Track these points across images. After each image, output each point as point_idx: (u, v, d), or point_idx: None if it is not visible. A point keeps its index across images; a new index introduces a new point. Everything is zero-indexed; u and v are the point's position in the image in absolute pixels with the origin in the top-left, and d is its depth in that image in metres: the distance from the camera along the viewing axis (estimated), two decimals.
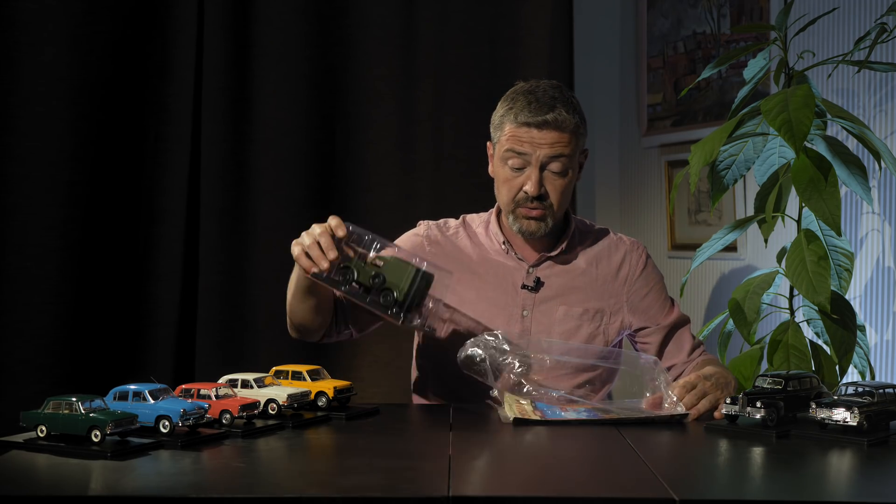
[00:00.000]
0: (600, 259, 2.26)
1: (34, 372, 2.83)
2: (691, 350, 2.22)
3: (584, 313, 2.21)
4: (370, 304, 1.91)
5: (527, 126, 2.12)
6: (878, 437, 1.60)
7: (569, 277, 2.24)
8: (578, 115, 2.17)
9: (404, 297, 1.88)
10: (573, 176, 2.19)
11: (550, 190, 2.16)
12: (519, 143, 2.13)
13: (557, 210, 2.18)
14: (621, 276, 2.25)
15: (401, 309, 1.88)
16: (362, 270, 1.90)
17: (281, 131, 3.06)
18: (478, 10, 3.14)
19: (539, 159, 2.13)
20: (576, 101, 2.20)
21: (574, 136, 2.15)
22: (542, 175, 2.14)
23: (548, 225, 2.18)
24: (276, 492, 1.35)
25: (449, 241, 2.29)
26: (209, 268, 3.03)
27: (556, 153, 2.13)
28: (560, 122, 2.12)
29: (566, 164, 2.14)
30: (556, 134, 2.12)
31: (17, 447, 1.57)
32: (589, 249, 2.28)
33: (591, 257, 2.26)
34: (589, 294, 2.23)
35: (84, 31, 2.89)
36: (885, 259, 2.41)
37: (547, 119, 2.11)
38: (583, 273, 2.24)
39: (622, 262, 2.26)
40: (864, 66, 2.23)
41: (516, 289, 2.23)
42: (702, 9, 3.11)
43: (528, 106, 2.13)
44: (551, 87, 2.18)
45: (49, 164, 2.87)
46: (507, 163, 2.17)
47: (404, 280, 1.88)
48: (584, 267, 2.25)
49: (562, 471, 1.50)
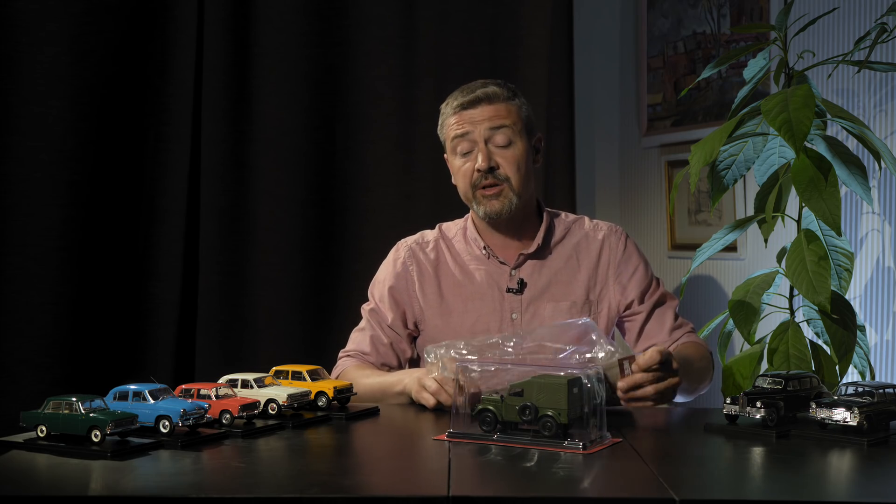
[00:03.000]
0: (580, 249, 2.30)
1: (34, 372, 2.83)
2: (672, 329, 2.25)
3: (573, 306, 2.24)
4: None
5: (462, 108, 2.25)
6: (878, 437, 1.60)
7: (551, 273, 2.28)
8: (512, 91, 2.28)
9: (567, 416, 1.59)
10: (524, 149, 2.26)
11: (501, 162, 2.24)
12: (460, 127, 2.25)
13: (517, 185, 2.24)
14: (603, 261, 2.30)
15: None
16: (504, 407, 1.63)
17: (281, 131, 3.06)
18: (478, 9, 3.14)
19: (481, 135, 2.23)
20: (511, 85, 2.30)
21: (511, 107, 2.25)
22: (488, 149, 2.23)
23: (511, 202, 2.24)
24: (276, 492, 1.35)
25: (428, 259, 2.35)
26: (209, 268, 3.03)
27: (496, 125, 2.23)
28: (491, 95, 2.24)
29: (510, 136, 2.23)
30: (491, 107, 2.23)
31: (17, 447, 1.57)
32: (567, 241, 2.33)
33: (570, 248, 2.31)
34: (573, 286, 2.26)
35: (84, 31, 2.89)
36: (885, 259, 2.41)
37: (478, 95, 2.24)
38: (564, 266, 2.28)
39: (602, 248, 2.32)
40: (865, 66, 2.23)
41: (502, 293, 2.27)
42: (702, 9, 3.11)
43: (461, 93, 2.28)
44: (484, 80, 2.31)
45: (49, 164, 2.87)
46: (456, 151, 2.27)
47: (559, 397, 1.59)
48: (564, 260, 2.29)
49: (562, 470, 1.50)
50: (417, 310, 2.33)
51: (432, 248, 2.36)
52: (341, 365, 2.35)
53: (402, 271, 2.35)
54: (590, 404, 1.61)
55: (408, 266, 2.35)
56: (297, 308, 3.06)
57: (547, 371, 1.63)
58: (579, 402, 1.61)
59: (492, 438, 1.62)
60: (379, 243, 2.97)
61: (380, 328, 2.34)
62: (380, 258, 2.45)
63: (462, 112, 2.25)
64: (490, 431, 1.63)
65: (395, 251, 2.40)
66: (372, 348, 2.33)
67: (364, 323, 2.38)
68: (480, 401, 1.65)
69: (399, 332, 2.33)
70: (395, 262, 2.37)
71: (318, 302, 3.08)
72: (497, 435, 1.62)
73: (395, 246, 2.41)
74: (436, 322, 2.31)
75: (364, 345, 2.34)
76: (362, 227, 3.10)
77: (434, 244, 2.37)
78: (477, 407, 1.65)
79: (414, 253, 2.36)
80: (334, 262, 3.10)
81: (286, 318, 3.05)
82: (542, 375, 1.61)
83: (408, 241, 2.40)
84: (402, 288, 2.34)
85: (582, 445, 1.55)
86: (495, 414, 1.63)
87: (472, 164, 2.24)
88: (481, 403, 1.64)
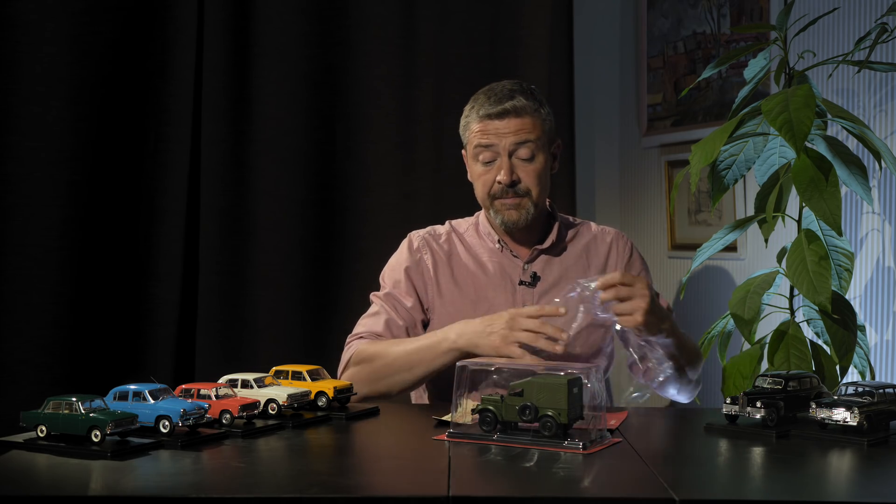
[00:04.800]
0: (589, 249, 2.35)
1: (34, 372, 2.83)
2: None
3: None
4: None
5: (489, 118, 2.22)
6: (878, 437, 1.60)
7: (563, 268, 2.30)
8: (539, 102, 2.26)
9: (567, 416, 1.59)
10: (545, 161, 2.26)
11: (523, 176, 2.23)
12: (485, 137, 2.22)
13: (536, 197, 2.25)
14: (611, 263, 2.34)
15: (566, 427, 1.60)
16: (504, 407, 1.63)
17: (281, 131, 3.06)
18: (478, 10, 3.14)
19: (506, 148, 2.22)
20: (537, 92, 2.28)
21: (537, 120, 2.23)
22: (511, 163, 2.22)
23: (529, 212, 2.25)
24: (276, 492, 1.35)
25: (442, 249, 2.34)
26: (209, 268, 3.03)
27: (522, 139, 2.21)
28: (519, 108, 2.21)
29: (533, 150, 2.22)
30: (517, 121, 2.21)
31: (17, 447, 1.57)
32: (577, 241, 2.36)
33: (580, 248, 2.35)
34: None
35: (84, 31, 2.89)
36: (885, 259, 2.41)
37: (506, 108, 2.20)
38: (575, 263, 2.31)
39: (610, 250, 2.35)
40: (865, 66, 2.23)
41: (514, 286, 2.27)
42: (702, 9, 3.11)
43: (488, 101, 2.23)
44: (510, 83, 2.28)
45: (49, 164, 2.87)
46: (478, 159, 2.26)
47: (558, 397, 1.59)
48: (575, 257, 2.33)
49: (562, 470, 1.50)
50: (431, 296, 2.30)
51: (445, 240, 2.35)
52: (354, 345, 2.25)
53: (418, 258, 2.32)
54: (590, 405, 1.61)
55: (422, 253, 2.32)
56: (297, 308, 3.06)
57: (546, 371, 1.64)
58: (579, 402, 1.60)
59: (492, 438, 1.62)
60: (379, 243, 2.98)
61: (395, 311, 2.27)
62: (380, 258, 2.45)
63: (488, 121, 2.22)
64: (490, 431, 1.63)
65: (407, 241, 2.37)
66: (386, 330, 2.25)
67: (377, 307, 2.30)
68: (481, 401, 1.65)
69: (415, 316, 2.28)
70: (410, 249, 2.34)
71: (318, 302, 3.08)
72: (497, 435, 1.62)
73: (406, 237, 2.38)
74: (448, 310, 2.28)
75: (378, 327, 2.25)
76: (362, 227, 3.10)
77: (446, 236, 2.36)
78: (477, 407, 1.65)
79: (427, 242, 2.34)
80: (334, 262, 3.10)
81: (286, 318, 3.05)
82: (542, 375, 1.61)
83: (420, 233, 2.38)
84: (418, 274, 2.31)
85: (582, 445, 1.55)
86: (495, 414, 1.63)
87: (494, 174, 2.23)
88: (481, 403, 1.64)
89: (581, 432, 1.59)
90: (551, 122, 2.29)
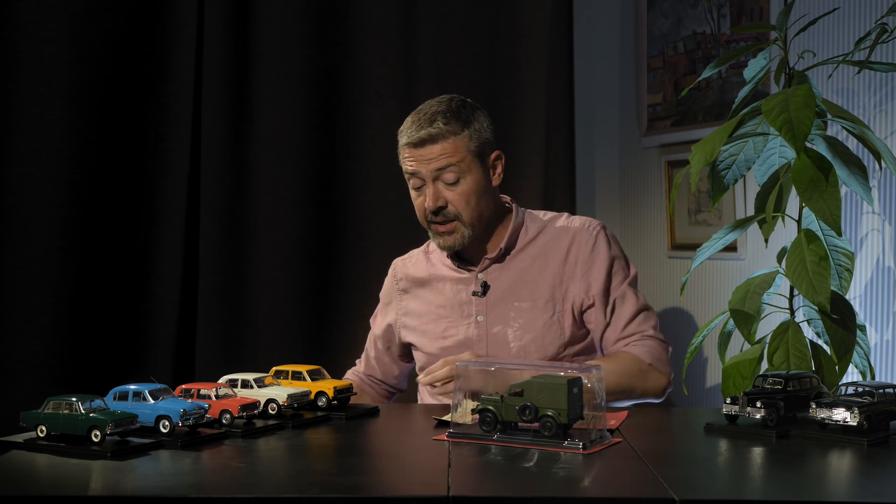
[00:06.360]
0: (549, 247, 2.33)
1: (34, 372, 2.83)
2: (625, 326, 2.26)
3: (533, 306, 2.26)
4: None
5: (410, 146, 2.24)
6: (878, 437, 1.60)
7: (515, 273, 2.31)
8: (464, 121, 2.23)
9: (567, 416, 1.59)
10: (476, 180, 2.26)
11: (451, 199, 2.24)
12: (410, 164, 2.26)
13: (468, 218, 2.26)
14: (570, 259, 2.31)
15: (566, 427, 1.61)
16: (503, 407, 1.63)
17: (281, 131, 3.06)
18: (478, 10, 3.14)
19: (429, 174, 2.23)
20: (468, 106, 2.27)
21: (460, 141, 2.23)
22: (436, 188, 2.24)
23: (463, 235, 2.27)
24: (276, 492, 1.35)
25: (406, 272, 2.45)
26: (209, 268, 3.03)
27: (442, 165, 2.22)
28: (436, 135, 2.21)
29: (457, 172, 2.23)
30: (436, 147, 2.21)
31: (17, 447, 1.57)
32: (538, 240, 2.35)
33: (539, 247, 2.34)
34: (538, 285, 2.28)
35: (84, 31, 2.89)
36: (885, 259, 2.41)
37: (422, 137, 2.21)
38: (530, 266, 2.31)
39: (570, 246, 2.32)
40: (865, 66, 2.23)
41: (468, 296, 2.29)
42: (702, 9, 3.10)
43: (411, 126, 2.25)
44: (437, 102, 2.28)
45: (49, 164, 2.87)
46: (410, 184, 2.30)
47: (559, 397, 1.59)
48: (532, 260, 2.33)
49: (562, 470, 1.50)
50: (400, 320, 2.44)
51: (414, 262, 2.46)
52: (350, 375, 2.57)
53: (390, 286, 2.48)
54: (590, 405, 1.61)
55: (397, 278, 2.46)
56: (297, 308, 3.06)
57: (547, 371, 1.63)
58: (579, 402, 1.60)
59: (492, 438, 1.62)
60: (379, 243, 2.98)
61: (371, 341, 2.54)
62: (379, 258, 2.48)
63: (411, 149, 2.25)
64: (490, 431, 1.63)
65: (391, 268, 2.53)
66: (365, 358, 2.55)
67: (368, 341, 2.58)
68: (481, 401, 1.65)
69: (380, 347, 2.49)
70: (388, 278, 2.51)
71: (318, 302, 3.08)
72: (497, 435, 1.62)
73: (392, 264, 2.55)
74: (414, 329, 2.41)
75: (361, 366, 2.57)
76: (362, 227, 3.10)
77: (416, 257, 2.47)
78: (477, 407, 1.65)
79: (400, 268, 2.48)
80: (334, 262, 3.10)
81: (286, 318, 3.05)
82: (542, 375, 1.61)
83: (397, 260, 2.53)
84: (389, 302, 2.48)
85: (582, 445, 1.55)
86: (495, 414, 1.63)
87: (423, 200, 2.28)
88: (481, 403, 1.64)
89: (581, 432, 1.59)
90: (482, 135, 2.27)
